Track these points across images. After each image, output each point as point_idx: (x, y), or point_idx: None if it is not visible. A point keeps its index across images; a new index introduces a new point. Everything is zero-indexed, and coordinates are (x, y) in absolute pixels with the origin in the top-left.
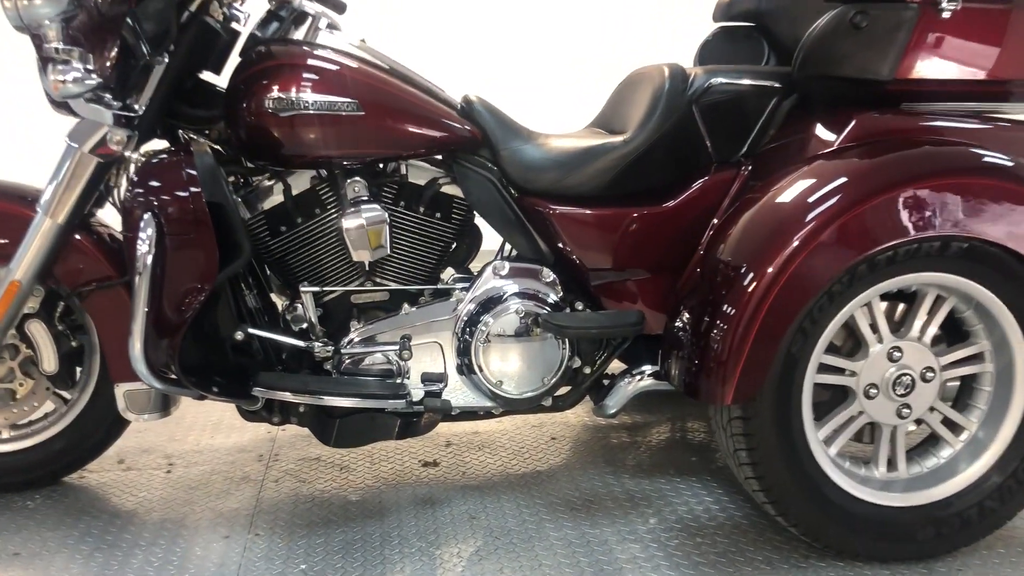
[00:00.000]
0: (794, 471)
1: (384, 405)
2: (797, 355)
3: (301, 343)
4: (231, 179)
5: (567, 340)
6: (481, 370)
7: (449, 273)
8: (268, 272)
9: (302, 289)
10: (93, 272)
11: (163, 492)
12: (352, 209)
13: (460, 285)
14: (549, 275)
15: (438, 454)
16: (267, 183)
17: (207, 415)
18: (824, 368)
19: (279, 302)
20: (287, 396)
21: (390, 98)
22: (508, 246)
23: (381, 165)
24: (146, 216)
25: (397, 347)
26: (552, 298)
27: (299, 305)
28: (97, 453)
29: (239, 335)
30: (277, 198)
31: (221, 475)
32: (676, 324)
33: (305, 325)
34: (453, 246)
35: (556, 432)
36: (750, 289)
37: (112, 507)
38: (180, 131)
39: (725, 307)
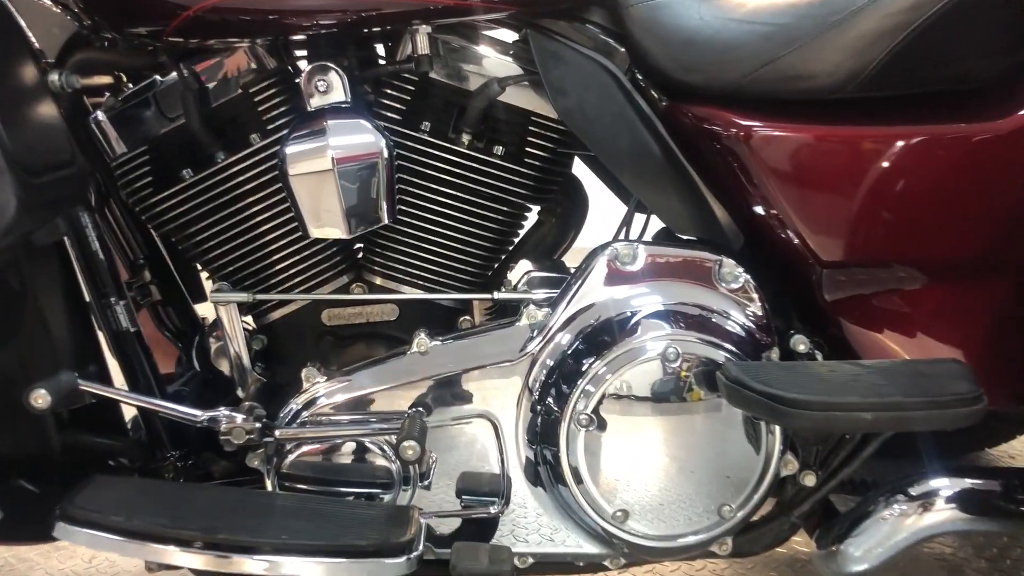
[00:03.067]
0: None
1: (367, 568)
2: None
3: (190, 412)
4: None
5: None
6: (580, 480)
7: (519, 270)
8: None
9: (212, 297)
10: None
11: None
12: (310, 128)
13: (540, 293)
14: (736, 273)
15: None
16: (159, 85)
17: None
18: None
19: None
20: (105, 546)
21: None
22: (640, 214)
23: (380, 42)
24: None
25: (399, 426)
26: (742, 324)
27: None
28: None
29: (39, 398)
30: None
31: None
32: None
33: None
34: (526, 215)
35: None
36: None
37: None
38: None
39: None
